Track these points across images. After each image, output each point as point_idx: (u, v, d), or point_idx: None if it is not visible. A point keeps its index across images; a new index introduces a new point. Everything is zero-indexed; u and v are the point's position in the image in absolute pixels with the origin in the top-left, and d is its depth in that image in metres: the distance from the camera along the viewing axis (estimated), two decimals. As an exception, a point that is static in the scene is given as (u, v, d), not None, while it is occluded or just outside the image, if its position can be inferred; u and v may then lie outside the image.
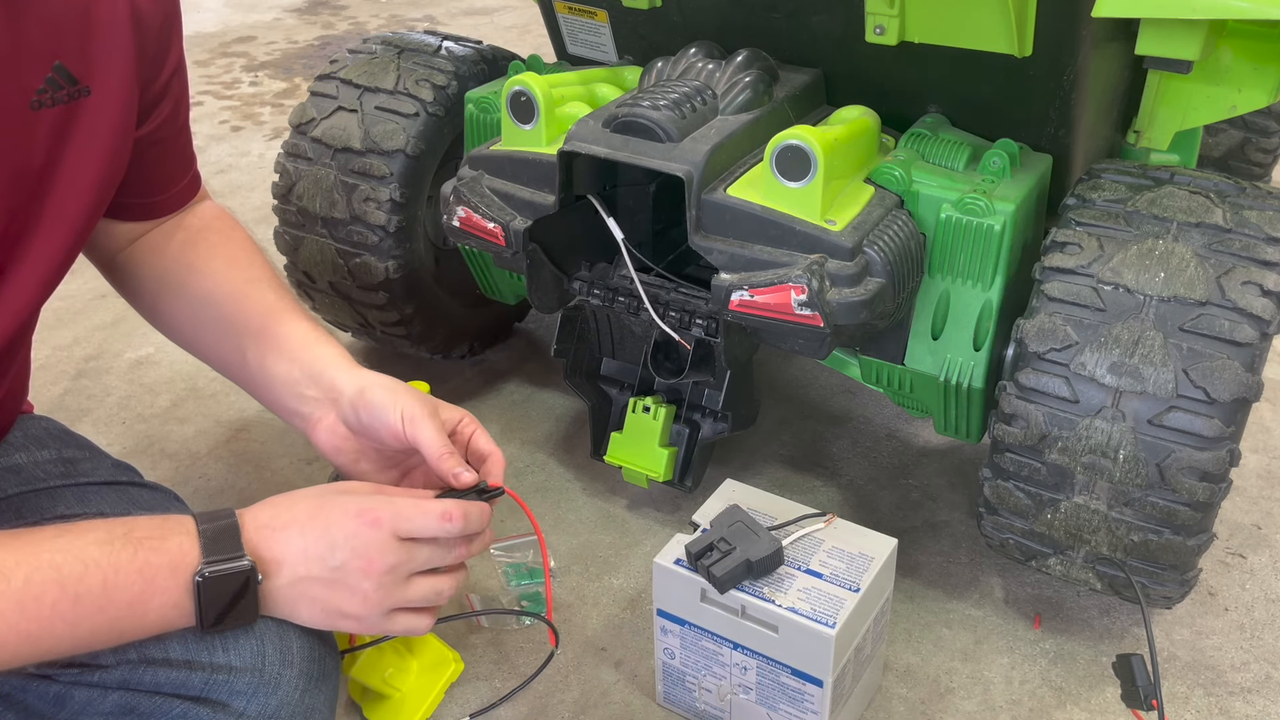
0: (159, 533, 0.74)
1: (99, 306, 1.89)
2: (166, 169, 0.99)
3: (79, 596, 0.70)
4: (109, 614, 0.72)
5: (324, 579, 0.78)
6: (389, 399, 0.92)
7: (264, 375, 0.98)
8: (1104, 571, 1.10)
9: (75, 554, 0.71)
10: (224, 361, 1.03)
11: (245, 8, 3.78)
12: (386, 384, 0.95)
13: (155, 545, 0.73)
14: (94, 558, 0.71)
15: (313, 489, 0.84)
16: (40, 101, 0.78)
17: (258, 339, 0.97)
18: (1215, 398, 0.97)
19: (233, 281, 1.00)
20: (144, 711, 0.80)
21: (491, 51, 1.53)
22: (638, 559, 1.32)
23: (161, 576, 0.73)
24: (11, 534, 0.72)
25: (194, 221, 1.04)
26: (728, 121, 1.15)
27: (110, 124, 0.84)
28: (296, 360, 0.96)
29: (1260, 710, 1.13)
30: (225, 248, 1.02)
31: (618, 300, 1.25)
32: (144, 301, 1.07)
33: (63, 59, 0.79)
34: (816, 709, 1.01)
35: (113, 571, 0.71)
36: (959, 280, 1.14)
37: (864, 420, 1.58)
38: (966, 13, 1.07)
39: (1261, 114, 1.91)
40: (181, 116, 0.98)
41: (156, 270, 1.03)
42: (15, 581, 0.68)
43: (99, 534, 0.73)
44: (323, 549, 0.78)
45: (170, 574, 0.73)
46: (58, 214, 0.83)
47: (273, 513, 0.80)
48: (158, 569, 0.73)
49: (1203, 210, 1.06)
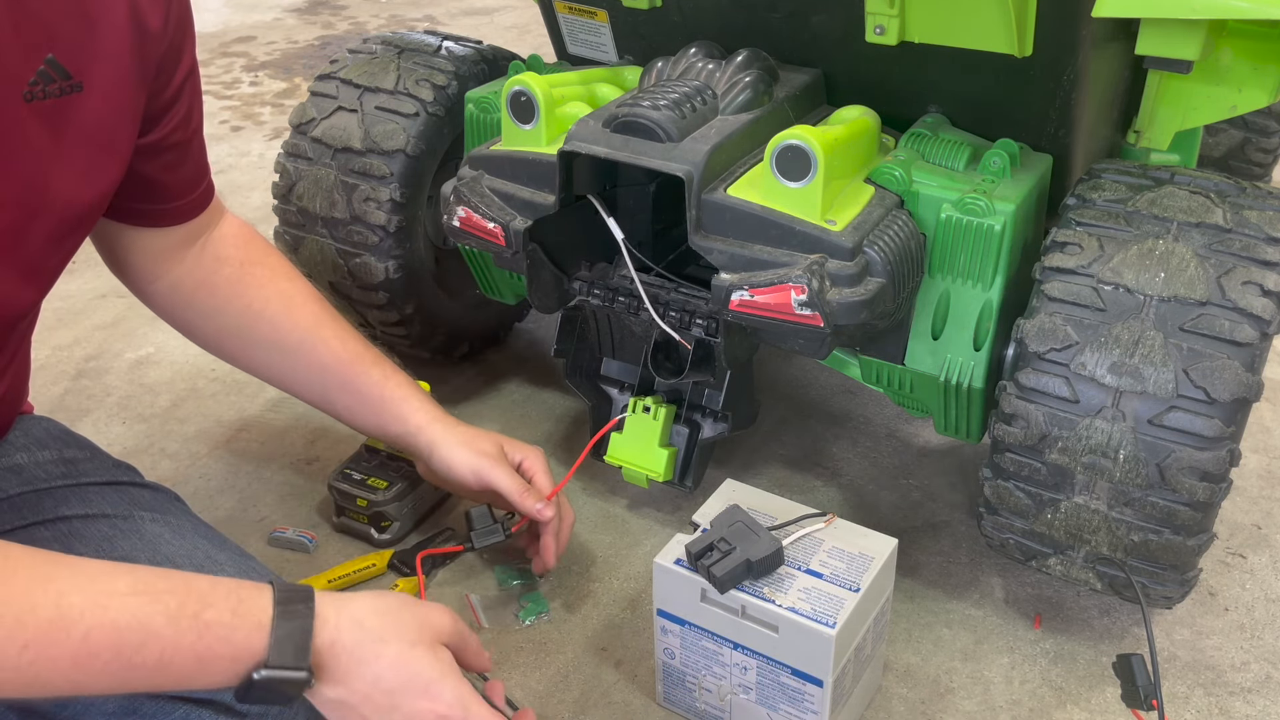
0: (230, 619, 0.71)
1: (99, 306, 1.89)
2: (182, 174, 1.00)
3: (133, 665, 0.68)
4: (156, 681, 0.70)
5: (367, 715, 0.77)
6: (459, 459, 1.14)
7: (356, 423, 1.18)
8: (1104, 571, 1.10)
9: (141, 621, 0.69)
10: (313, 400, 1.17)
11: (245, 8, 3.78)
12: (455, 439, 1.14)
13: (223, 636, 0.71)
14: (158, 630, 0.69)
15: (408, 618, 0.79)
16: (33, 94, 0.78)
17: (340, 391, 1.13)
18: (1215, 398, 0.97)
19: (300, 329, 1.11)
20: (146, 713, 0.80)
21: (491, 51, 1.53)
22: (638, 559, 1.32)
23: (220, 665, 0.71)
24: (90, 572, 0.70)
25: (231, 252, 1.08)
26: (728, 121, 1.15)
27: (104, 120, 0.84)
28: (378, 416, 1.15)
29: (1260, 710, 1.13)
30: (275, 284, 1.10)
31: (618, 300, 1.25)
32: (207, 341, 1.14)
33: (55, 52, 0.79)
34: (816, 709, 1.01)
35: (173, 650, 0.69)
36: (959, 280, 1.14)
37: (864, 420, 1.58)
38: (966, 13, 1.07)
39: (1261, 114, 1.91)
40: (195, 121, 0.98)
41: (209, 309, 1.09)
42: (75, 634, 0.66)
43: (170, 604, 0.70)
44: (386, 702, 0.76)
45: (230, 664, 0.71)
46: (51, 208, 0.83)
47: (359, 637, 0.76)
48: (218, 658, 0.71)
49: (1203, 210, 1.06)
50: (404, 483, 1.33)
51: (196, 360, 1.73)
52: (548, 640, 1.21)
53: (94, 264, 1.05)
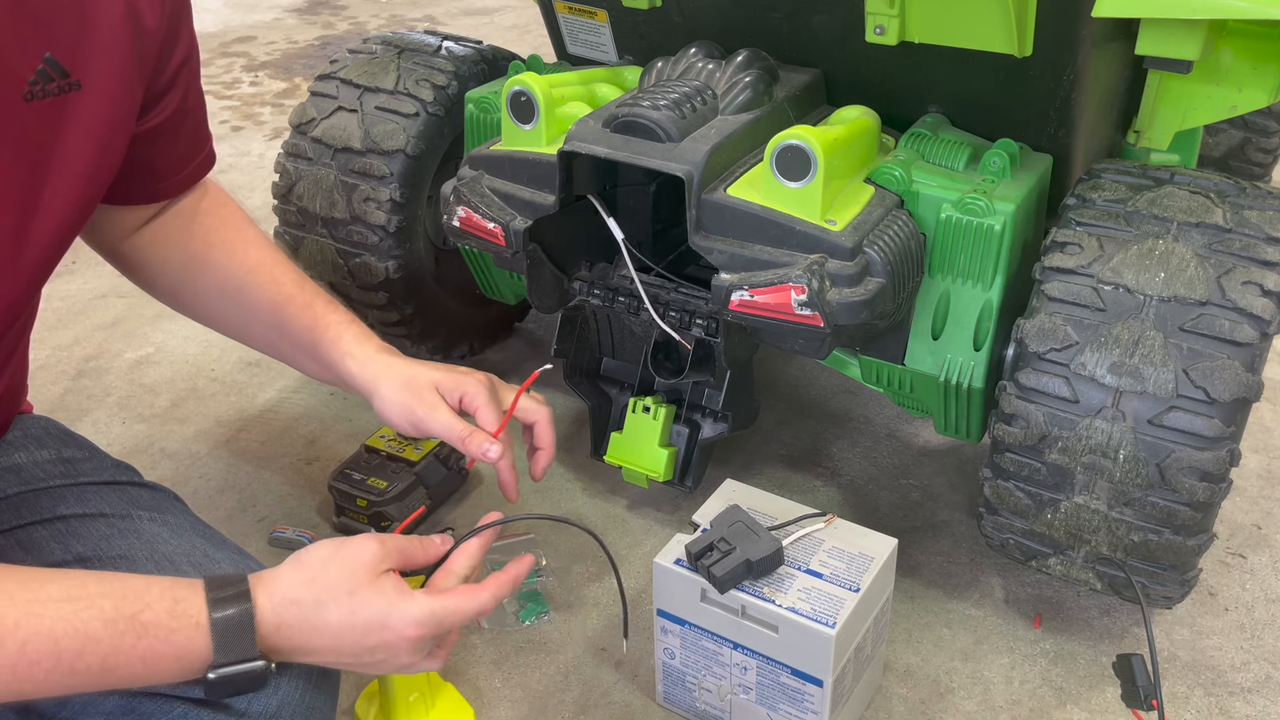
0: (168, 620, 0.71)
1: (99, 306, 1.89)
2: (174, 154, 1.00)
3: (75, 671, 0.68)
4: (105, 683, 0.70)
5: (343, 660, 0.79)
6: (394, 408, 1.01)
7: (305, 369, 1.08)
8: (1104, 571, 1.10)
9: (77, 627, 0.68)
10: (265, 348, 1.10)
11: (245, 8, 3.78)
12: (392, 380, 1.01)
13: (162, 636, 0.70)
14: (95, 635, 0.69)
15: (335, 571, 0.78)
16: (32, 93, 0.78)
17: (280, 336, 1.05)
18: (1215, 398, 0.97)
19: (240, 274, 1.04)
20: (145, 712, 0.79)
21: (491, 51, 1.53)
22: (638, 559, 1.32)
23: (166, 664, 0.71)
24: (18, 579, 0.69)
25: (186, 203, 1.05)
26: (728, 121, 1.15)
27: (102, 119, 0.84)
28: (316, 359, 1.04)
29: (1260, 710, 1.13)
30: (221, 231, 1.05)
31: (618, 300, 1.24)
32: (164, 294, 1.10)
33: (53, 51, 0.79)
34: (816, 709, 1.01)
35: (114, 654, 0.69)
36: (959, 280, 1.14)
37: (864, 420, 1.58)
38: (966, 13, 1.07)
39: (1261, 114, 1.91)
40: (191, 103, 0.98)
41: (173, 263, 1.05)
42: (10, 646, 0.66)
43: (105, 608, 0.69)
44: (355, 648, 0.78)
45: (176, 664, 0.71)
46: (49, 206, 0.83)
47: (298, 613, 0.76)
48: (161, 657, 0.71)
49: (1203, 210, 1.06)
50: (404, 483, 1.33)
51: (196, 360, 1.74)
52: (548, 640, 1.21)
53: (94, 264, 1.05)
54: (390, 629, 0.78)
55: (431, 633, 0.79)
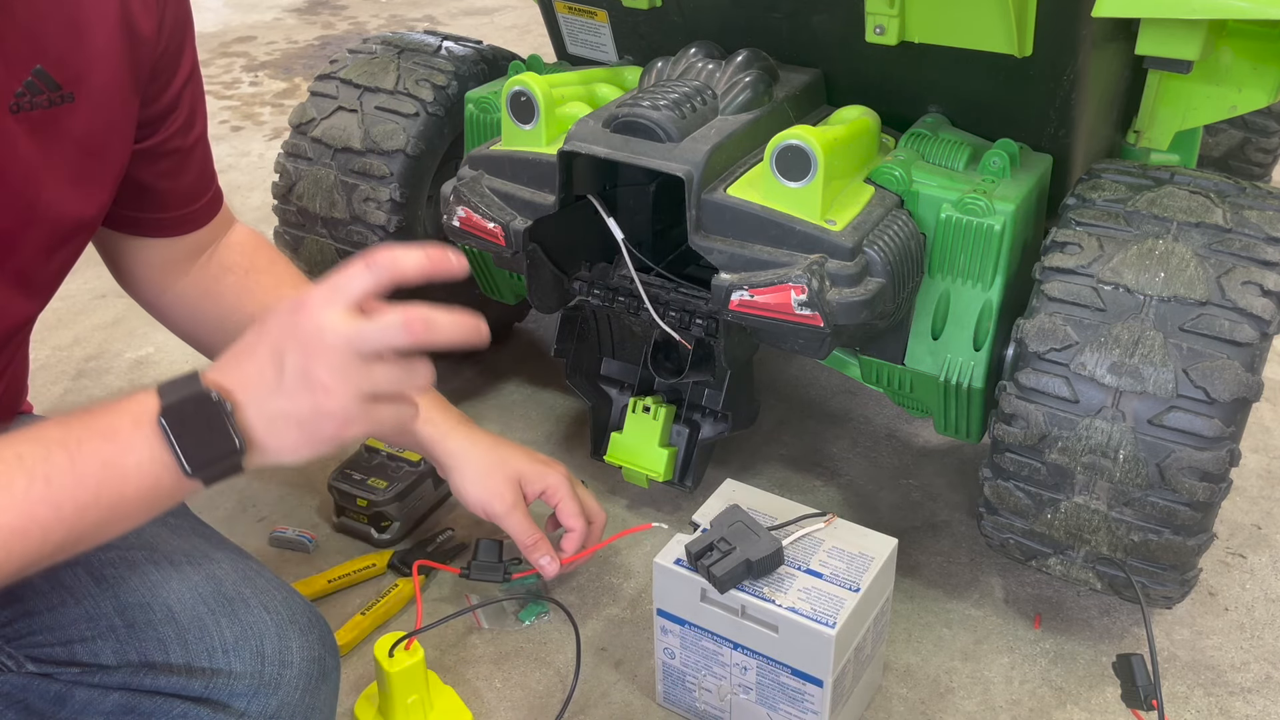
0: (114, 403, 0.71)
1: (99, 306, 1.89)
2: (183, 182, 0.98)
3: (49, 477, 0.67)
4: (87, 486, 0.68)
5: (285, 389, 0.72)
6: (471, 493, 1.13)
7: None
8: (1104, 571, 1.10)
9: (34, 442, 0.68)
10: None
11: (245, 8, 3.78)
12: (472, 463, 1.13)
13: (113, 409, 0.70)
14: (55, 438, 0.68)
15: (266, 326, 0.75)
16: (19, 105, 0.78)
17: None
18: (1215, 398, 0.97)
19: None
20: (145, 711, 0.80)
21: (491, 51, 1.53)
22: (638, 559, 1.32)
23: (125, 432, 0.69)
24: None
25: (237, 259, 1.05)
26: (728, 121, 1.15)
27: (97, 131, 0.84)
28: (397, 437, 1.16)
29: (1260, 710, 1.13)
30: (279, 290, 1.06)
31: (618, 300, 1.24)
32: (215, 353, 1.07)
33: (43, 63, 0.78)
34: (816, 709, 1.01)
35: (75, 444, 0.68)
36: (959, 280, 1.14)
37: (864, 420, 1.58)
38: (966, 13, 1.07)
39: (1261, 114, 1.91)
40: (198, 128, 0.97)
41: (214, 319, 1.06)
42: None
43: (55, 422, 0.70)
44: (271, 360, 0.72)
45: (134, 427, 0.69)
46: (43, 220, 0.83)
47: (227, 355, 0.74)
48: (119, 428, 0.69)
49: (1203, 210, 1.06)
50: (404, 483, 1.33)
51: (196, 360, 1.72)
52: (548, 640, 1.21)
53: (94, 264, 1.05)
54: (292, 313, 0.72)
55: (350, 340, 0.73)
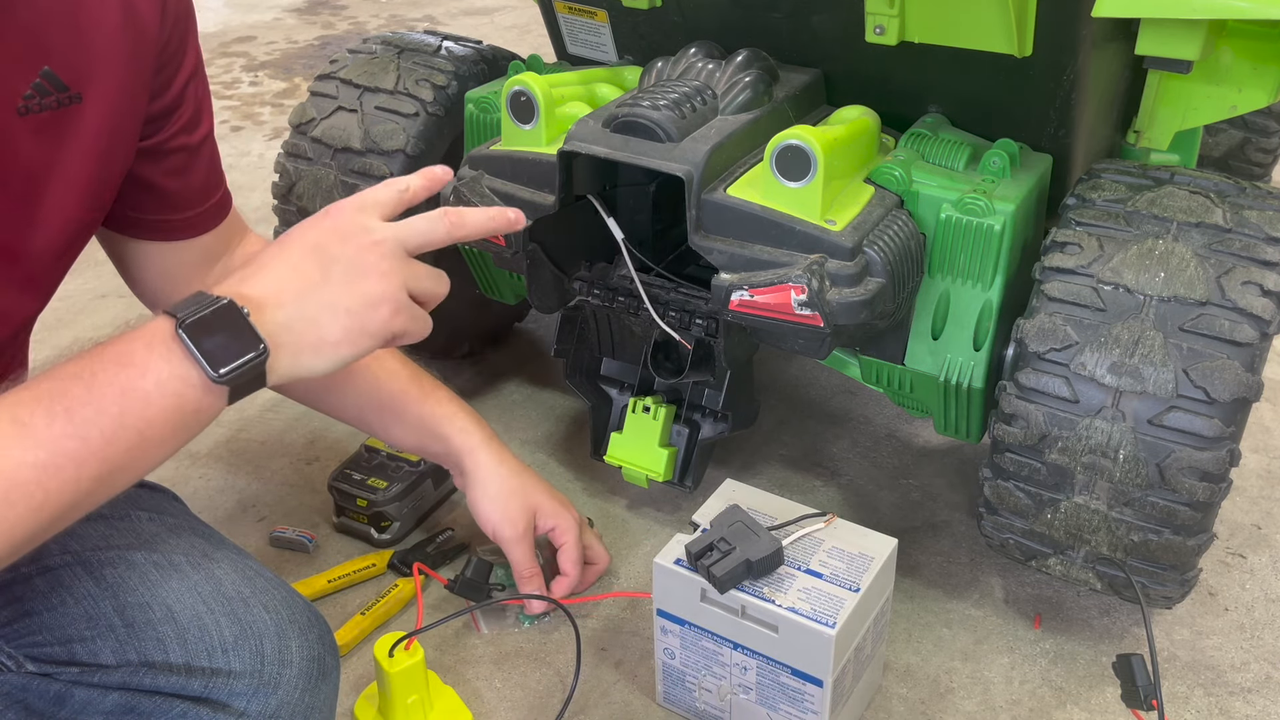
0: (126, 333, 0.69)
1: (99, 306, 1.89)
2: (190, 182, 0.97)
3: (69, 410, 0.65)
4: (110, 413, 0.66)
5: (333, 280, 0.71)
6: (485, 513, 1.17)
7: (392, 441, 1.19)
8: (1104, 571, 1.10)
9: (49, 379, 0.66)
10: (346, 419, 1.18)
11: (245, 8, 3.78)
12: (493, 484, 1.16)
13: (125, 337, 0.68)
14: (69, 372, 0.66)
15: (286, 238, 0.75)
16: (27, 107, 0.78)
17: (378, 412, 1.15)
18: (1215, 398, 0.97)
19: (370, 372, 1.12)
20: (144, 711, 0.79)
21: (491, 51, 1.53)
22: (638, 559, 1.32)
23: (140, 355, 0.67)
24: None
25: None
26: (728, 121, 1.15)
27: (106, 130, 0.84)
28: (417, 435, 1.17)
29: (1260, 710, 1.13)
30: None
31: (618, 300, 1.24)
32: None
33: (51, 64, 0.78)
34: (816, 709, 1.01)
35: (90, 375, 0.66)
36: (959, 280, 1.14)
37: (864, 420, 1.58)
38: (966, 13, 1.07)
39: (1261, 114, 1.91)
40: (204, 126, 0.96)
41: None
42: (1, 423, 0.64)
43: (67, 360, 0.68)
44: (309, 259, 0.71)
45: (148, 349, 0.67)
46: (51, 221, 0.83)
47: (235, 275, 0.72)
48: (133, 352, 0.67)
49: (1203, 210, 1.06)
50: (404, 483, 1.33)
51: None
52: (548, 640, 1.21)
53: (94, 264, 1.05)
54: (340, 214, 0.73)
55: (397, 233, 0.73)
